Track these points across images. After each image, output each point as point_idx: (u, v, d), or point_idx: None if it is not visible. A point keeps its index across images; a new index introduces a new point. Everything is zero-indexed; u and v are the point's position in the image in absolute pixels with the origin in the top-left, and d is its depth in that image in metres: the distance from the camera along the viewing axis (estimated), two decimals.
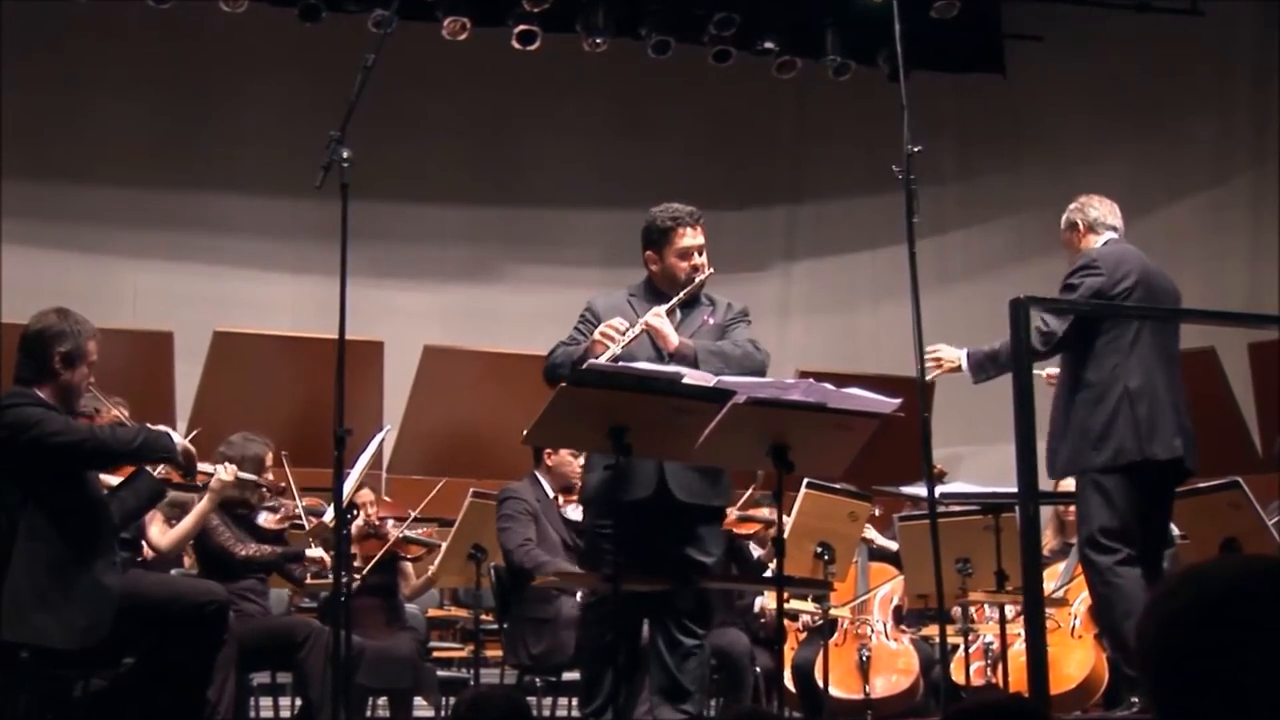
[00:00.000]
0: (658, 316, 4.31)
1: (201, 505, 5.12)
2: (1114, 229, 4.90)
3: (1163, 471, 4.62)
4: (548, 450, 5.74)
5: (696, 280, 4.44)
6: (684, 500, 4.26)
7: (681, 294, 4.40)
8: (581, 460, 5.76)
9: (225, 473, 5.04)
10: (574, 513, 5.70)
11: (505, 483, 5.94)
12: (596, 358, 4.18)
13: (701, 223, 4.52)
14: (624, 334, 4.26)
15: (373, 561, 5.92)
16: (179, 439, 4.26)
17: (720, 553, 4.65)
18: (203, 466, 5.07)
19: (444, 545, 6.02)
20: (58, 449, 3.94)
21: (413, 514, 6.29)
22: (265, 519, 5.49)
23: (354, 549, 5.91)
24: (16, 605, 3.85)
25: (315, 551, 5.49)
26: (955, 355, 4.77)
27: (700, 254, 4.48)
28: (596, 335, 4.28)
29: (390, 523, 6.10)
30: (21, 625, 3.86)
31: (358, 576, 5.75)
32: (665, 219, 4.48)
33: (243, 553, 5.33)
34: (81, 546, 3.97)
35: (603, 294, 4.64)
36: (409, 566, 6.22)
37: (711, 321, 4.49)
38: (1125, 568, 4.50)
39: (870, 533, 6.51)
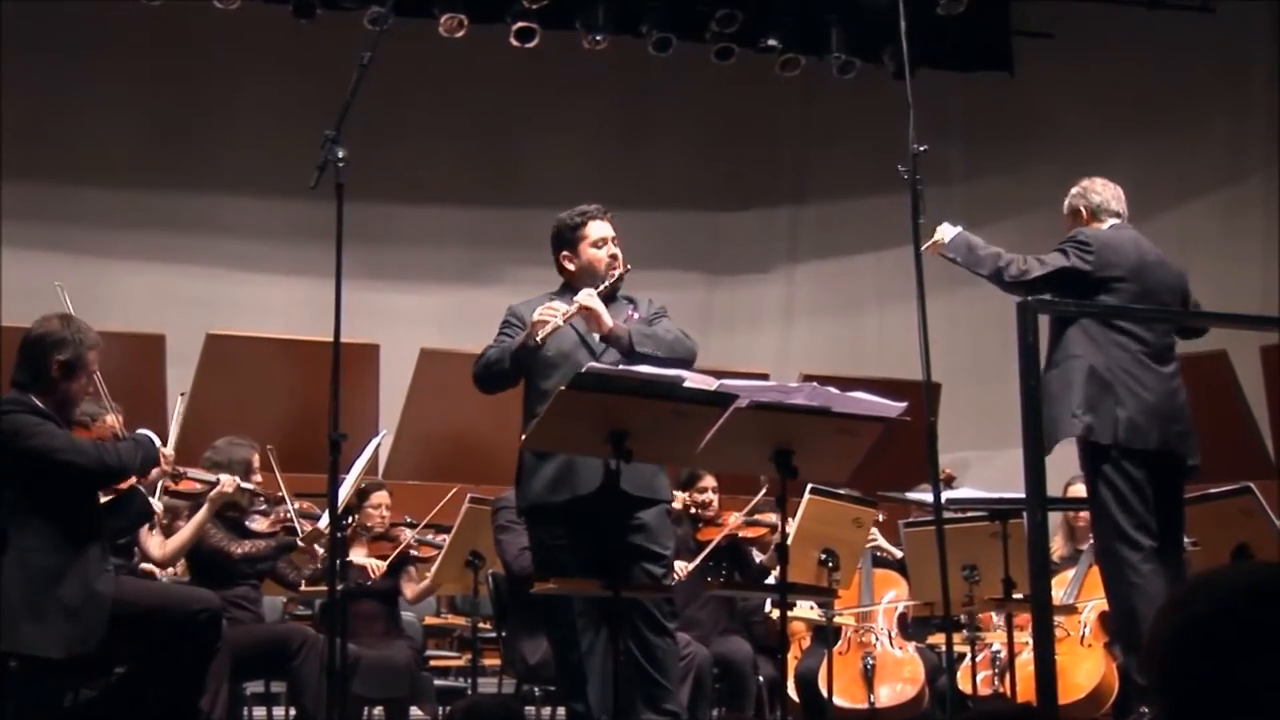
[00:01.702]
0: (591, 297, 4.35)
1: (200, 515, 5.15)
2: (1118, 215, 4.91)
3: (1157, 464, 4.61)
4: None
5: (617, 273, 4.51)
6: (631, 493, 4.24)
7: (605, 284, 4.45)
8: None
9: (226, 484, 5.09)
10: None
11: (504, 489, 5.94)
12: (537, 338, 4.26)
13: (609, 218, 4.61)
14: (562, 312, 4.31)
15: (389, 562, 5.92)
16: (158, 442, 4.35)
17: (673, 546, 4.67)
18: (203, 475, 5.10)
19: (443, 550, 6.03)
20: (62, 466, 3.95)
21: (415, 523, 6.27)
22: (257, 523, 5.50)
23: (362, 551, 5.93)
24: (8, 614, 3.85)
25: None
26: (946, 231, 4.81)
27: (615, 244, 4.56)
28: (535, 316, 4.32)
29: (404, 530, 6.10)
30: (13, 635, 3.86)
31: (373, 577, 5.79)
32: (573, 216, 4.61)
33: (239, 550, 5.34)
34: (73, 553, 3.97)
35: (521, 300, 4.68)
36: (414, 569, 6.23)
37: (636, 316, 4.53)
38: (1148, 565, 4.50)
39: (881, 541, 6.51)
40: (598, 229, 4.56)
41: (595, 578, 4.14)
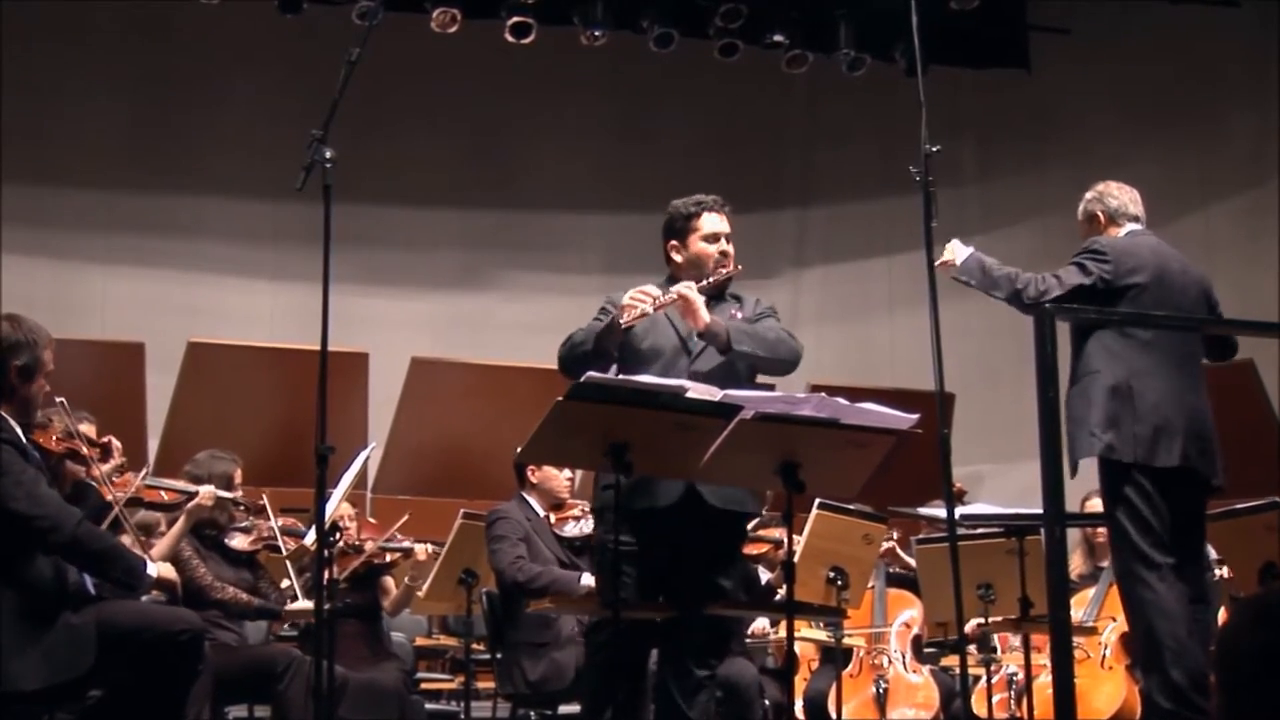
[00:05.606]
0: (689, 288, 4.27)
1: (177, 527, 5.14)
2: (1136, 219, 4.90)
3: (1178, 481, 4.60)
4: (530, 468, 5.75)
5: (725, 271, 4.44)
6: (715, 506, 4.20)
7: (711, 279, 4.38)
8: (567, 474, 5.78)
9: (204, 495, 5.08)
10: (568, 529, 5.73)
11: (498, 503, 5.95)
12: (623, 321, 4.18)
13: (727, 211, 4.56)
14: (655, 298, 4.22)
15: (347, 572, 5.90)
16: (155, 570, 4.12)
17: (739, 577, 4.61)
18: (179, 485, 5.09)
19: (423, 554, 6.01)
20: (8, 514, 3.86)
21: (399, 537, 6.26)
22: (238, 541, 5.49)
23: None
24: None
25: (296, 605, 5.49)
26: (957, 251, 4.79)
27: (727, 242, 4.51)
28: (626, 299, 4.25)
29: (370, 543, 6.08)
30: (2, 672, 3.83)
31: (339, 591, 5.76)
32: (688, 205, 4.53)
33: (219, 596, 5.33)
34: (49, 589, 3.94)
35: (620, 290, 4.56)
36: (389, 581, 6.21)
37: (739, 316, 4.46)
38: (1165, 584, 4.48)
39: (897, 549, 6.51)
40: (711, 223, 4.50)
41: (656, 595, 4.09)
